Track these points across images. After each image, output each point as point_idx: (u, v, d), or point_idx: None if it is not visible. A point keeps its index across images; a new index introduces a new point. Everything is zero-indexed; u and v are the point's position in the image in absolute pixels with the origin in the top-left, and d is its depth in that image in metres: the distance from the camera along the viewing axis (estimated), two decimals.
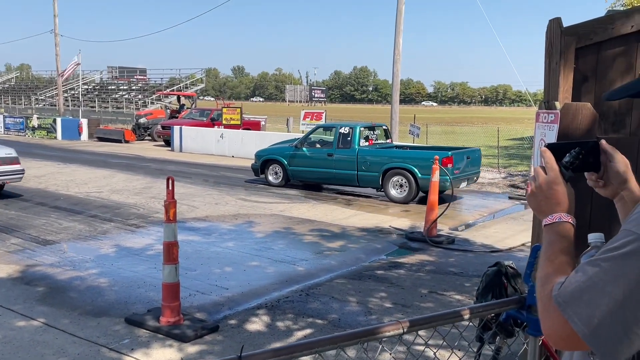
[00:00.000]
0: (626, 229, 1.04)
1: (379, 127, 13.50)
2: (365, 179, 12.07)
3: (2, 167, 10.57)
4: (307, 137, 13.46)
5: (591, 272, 1.03)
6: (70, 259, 7.13)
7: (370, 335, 1.76)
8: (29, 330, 4.88)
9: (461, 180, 11.61)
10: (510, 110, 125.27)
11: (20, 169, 10.86)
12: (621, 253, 1.01)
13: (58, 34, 33.19)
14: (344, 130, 12.48)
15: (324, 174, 12.70)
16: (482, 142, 25.79)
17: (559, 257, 1.17)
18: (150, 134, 26.55)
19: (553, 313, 1.07)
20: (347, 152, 12.26)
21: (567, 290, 1.05)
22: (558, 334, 1.07)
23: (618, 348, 1.00)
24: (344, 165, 12.28)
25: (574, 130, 2.25)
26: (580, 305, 1.02)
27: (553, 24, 2.39)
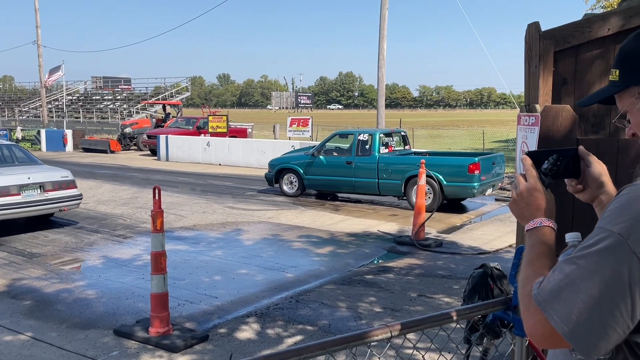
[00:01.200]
0: (600, 226, 1.07)
1: (397, 133, 13.20)
2: (386, 187, 11.68)
3: (59, 193, 9.23)
4: (323, 145, 13.01)
5: (568, 270, 1.06)
6: (57, 271, 7.07)
7: (359, 340, 1.77)
8: (16, 345, 4.83)
9: (487, 187, 11.29)
10: (495, 112, 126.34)
11: (77, 194, 9.56)
12: (595, 250, 1.04)
13: (41, 45, 32.96)
14: (363, 137, 12.09)
15: (343, 182, 12.26)
16: (468, 144, 25.97)
17: (540, 259, 1.21)
18: (136, 143, 26.43)
19: (534, 312, 1.10)
20: (367, 159, 11.86)
21: (545, 289, 1.08)
22: (539, 333, 1.10)
23: (596, 343, 1.03)
24: (364, 174, 11.88)
25: (554, 132, 2.29)
26: (558, 302, 1.05)
27: (531, 28, 2.43)
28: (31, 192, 8.80)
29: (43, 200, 8.95)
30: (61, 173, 9.51)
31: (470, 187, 10.68)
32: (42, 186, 8.98)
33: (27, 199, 8.75)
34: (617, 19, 2.38)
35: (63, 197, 9.27)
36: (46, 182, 9.06)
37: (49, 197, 9.05)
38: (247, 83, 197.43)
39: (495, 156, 12.05)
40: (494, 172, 11.51)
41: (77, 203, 9.59)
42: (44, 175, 9.16)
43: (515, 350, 2.11)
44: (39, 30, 32.82)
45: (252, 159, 19.35)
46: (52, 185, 9.13)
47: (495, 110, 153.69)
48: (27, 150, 10.64)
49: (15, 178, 8.74)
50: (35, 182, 8.92)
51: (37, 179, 9.00)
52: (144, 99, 40.77)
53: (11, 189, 8.59)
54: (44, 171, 9.48)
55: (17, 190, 8.65)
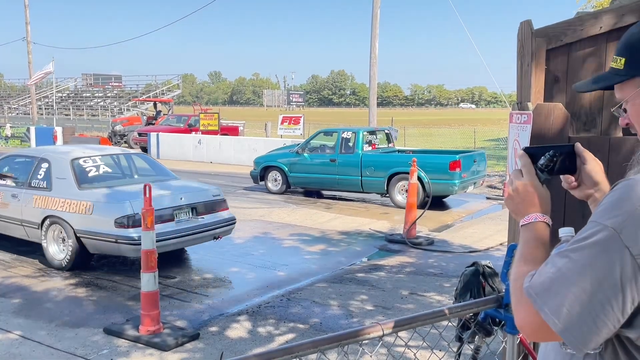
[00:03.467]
0: (593, 220, 1.07)
1: (380, 131, 13.38)
2: (369, 184, 11.84)
3: (213, 216, 7.18)
4: (307, 143, 13.13)
5: (560, 263, 1.06)
6: (46, 269, 7.01)
7: (351, 338, 1.76)
8: (5, 344, 4.78)
9: (469, 184, 11.46)
10: (486, 111, 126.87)
11: (232, 218, 7.49)
12: (588, 243, 1.04)
13: (30, 42, 32.70)
14: (347, 135, 12.26)
15: (326, 180, 12.37)
16: (459, 143, 26.06)
17: (533, 254, 1.21)
18: (126, 141, 26.28)
19: (525, 305, 1.10)
20: (350, 157, 12.01)
21: (537, 282, 1.08)
22: (530, 326, 1.10)
23: (587, 337, 1.03)
24: (347, 171, 12.01)
25: (547, 130, 2.29)
26: (549, 295, 1.05)
27: (524, 26, 2.43)
28: (184, 216, 6.86)
29: (197, 226, 6.93)
30: (211, 191, 7.45)
31: (452, 184, 10.89)
32: (194, 208, 6.99)
33: (181, 225, 6.77)
34: (610, 17, 2.38)
35: (218, 222, 7.22)
36: (198, 204, 7.06)
37: (204, 223, 7.03)
38: (238, 81, 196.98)
39: (477, 154, 12.23)
40: (475, 169, 11.68)
41: (231, 229, 7.52)
42: (195, 195, 7.15)
43: (506, 348, 2.11)
44: (28, 26, 32.55)
45: (243, 157, 19.30)
46: (205, 206, 7.14)
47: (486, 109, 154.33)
48: (155, 160, 8.64)
49: (167, 199, 6.80)
50: (187, 203, 6.94)
51: (190, 200, 6.99)
52: (134, 97, 40.58)
53: (164, 213, 6.60)
54: (191, 189, 7.45)
55: (171, 215, 6.71)
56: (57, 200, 6.87)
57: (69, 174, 7.00)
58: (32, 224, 7.14)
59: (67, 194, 6.86)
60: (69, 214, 6.71)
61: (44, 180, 7.14)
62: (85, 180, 7.03)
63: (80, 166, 7.19)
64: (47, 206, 6.94)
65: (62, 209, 6.79)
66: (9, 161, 7.97)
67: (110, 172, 7.61)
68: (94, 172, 7.28)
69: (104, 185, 7.07)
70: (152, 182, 7.28)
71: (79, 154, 7.40)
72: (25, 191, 7.26)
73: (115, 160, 7.95)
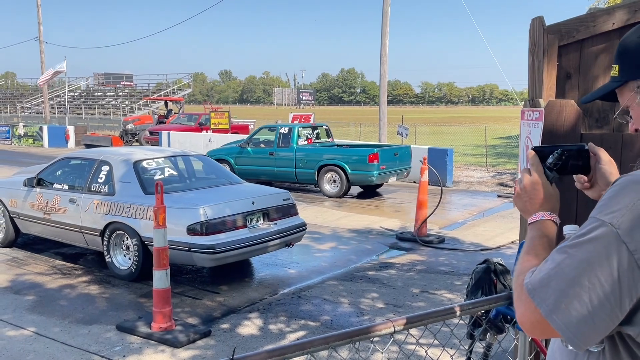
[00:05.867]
0: (592, 215, 1.08)
1: (320, 127, 14.37)
2: (302, 175, 12.94)
3: (284, 222, 6.79)
4: (251, 137, 14.15)
5: (558, 259, 1.07)
6: (59, 267, 7.08)
7: (362, 335, 1.77)
8: (19, 340, 4.84)
9: (389, 175, 12.51)
10: (497, 109, 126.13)
11: (302, 223, 7.07)
12: (586, 239, 1.04)
13: (43, 41, 32.96)
14: (284, 131, 13.36)
15: (266, 171, 13.37)
16: (470, 141, 25.95)
17: (538, 251, 1.22)
18: (138, 139, 26.43)
19: (524, 300, 1.11)
20: (286, 150, 13.09)
21: (536, 278, 1.09)
22: (529, 321, 1.11)
23: (585, 333, 1.03)
24: (283, 163, 13.09)
25: (559, 127, 2.28)
26: (547, 291, 1.05)
27: (536, 22, 2.42)
28: (256, 222, 6.47)
29: (269, 233, 6.49)
30: (281, 195, 7.03)
31: (370, 175, 12.04)
32: (266, 214, 6.60)
33: (254, 232, 6.35)
34: (622, 13, 2.37)
35: (290, 228, 6.79)
36: (270, 208, 6.67)
37: (277, 229, 6.60)
38: (249, 79, 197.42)
39: (399, 148, 13.46)
40: (396, 162, 12.72)
41: (302, 235, 7.13)
42: (266, 199, 6.75)
43: (518, 345, 2.11)
44: (41, 26, 32.81)
45: None
46: (276, 211, 6.74)
47: (497, 106, 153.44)
48: (217, 163, 8.33)
49: (239, 204, 6.41)
50: (259, 208, 6.53)
51: (261, 204, 6.58)
52: (145, 96, 40.78)
53: (237, 218, 6.25)
54: (261, 192, 7.06)
55: (243, 221, 6.30)
56: (122, 205, 6.43)
57: (133, 177, 6.61)
58: (92, 230, 6.69)
59: (132, 198, 6.42)
60: (135, 220, 6.29)
61: (106, 184, 6.72)
62: (151, 183, 6.49)
63: (145, 169, 6.85)
64: (110, 212, 6.52)
65: (127, 215, 6.36)
66: (64, 164, 7.57)
67: (175, 175, 7.22)
68: (159, 175, 6.95)
69: (172, 189, 6.54)
70: (218, 185, 7.18)
71: (141, 156, 7.01)
72: (85, 196, 6.83)
73: (177, 162, 7.51)
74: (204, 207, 6.01)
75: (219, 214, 6.07)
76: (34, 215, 7.40)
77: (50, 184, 7.37)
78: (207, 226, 5.91)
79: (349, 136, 27.07)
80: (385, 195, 12.74)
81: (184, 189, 6.87)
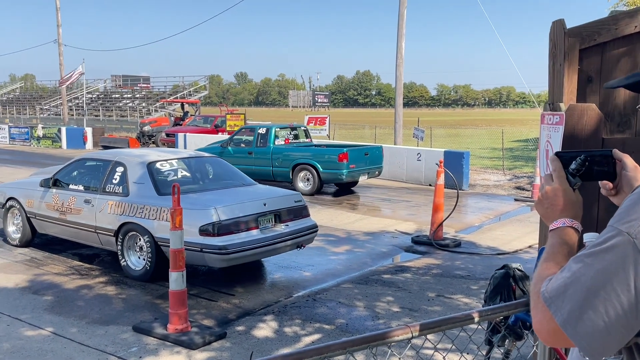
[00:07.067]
0: (609, 224, 1.06)
1: (298, 127, 14.98)
2: (278, 173, 13.53)
3: (296, 223, 6.81)
4: (232, 138, 14.81)
5: (575, 268, 1.05)
6: (76, 267, 7.15)
7: (380, 340, 1.76)
8: (37, 340, 4.89)
9: (359, 174, 13.09)
10: (514, 111, 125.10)
11: (314, 225, 7.10)
12: (602, 248, 1.03)
13: (62, 44, 33.40)
14: (262, 131, 14.02)
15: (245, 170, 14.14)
16: (487, 144, 25.77)
17: (557, 259, 1.20)
18: (154, 141, 26.63)
19: (541, 308, 1.09)
20: (263, 150, 13.75)
21: (553, 286, 1.07)
22: (546, 329, 1.09)
23: (600, 343, 1.01)
24: (261, 162, 13.73)
25: (579, 131, 2.25)
26: (563, 300, 1.04)
27: (556, 25, 2.39)
28: (267, 223, 6.50)
29: (281, 234, 6.52)
30: (293, 197, 7.05)
31: (340, 174, 12.67)
32: (278, 215, 6.62)
33: (266, 233, 6.40)
34: None
35: (301, 230, 6.80)
36: (282, 210, 6.69)
37: (288, 231, 6.62)
38: (264, 82, 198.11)
39: (369, 148, 13.97)
40: (366, 161, 13.27)
41: (314, 237, 7.15)
42: (278, 201, 6.78)
43: (537, 352, 2.08)
44: (60, 29, 33.24)
45: None
46: (288, 213, 6.76)
47: (514, 109, 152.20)
48: (230, 164, 8.35)
49: (251, 205, 6.45)
50: (271, 209, 6.56)
51: (273, 206, 6.61)
52: (162, 98, 41.10)
53: (249, 220, 6.30)
54: (273, 194, 7.10)
55: (255, 222, 6.34)
56: (135, 206, 6.50)
57: (147, 178, 6.66)
58: (106, 231, 6.76)
59: (145, 199, 6.48)
60: (148, 220, 6.34)
61: (120, 185, 6.80)
62: (164, 184, 6.62)
63: (158, 170, 6.91)
64: (124, 212, 6.58)
65: (140, 216, 6.42)
66: (79, 165, 7.67)
67: (188, 177, 7.25)
68: (172, 176, 7.00)
69: (184, 191, 6.40)
70: (231, 187, 7.25)
71: (154, 158, 7.08)
72: (100, 196, 6.91)
73: (190, 164, 7.52)
74: (216, 209, 6.06)
75: (231, 215, 6.12)
76: (50, 216, 7.51)
77: (66, 185, 7.48)
78: (219, 227, 5.96)
79: (364, 139, 27.03)
80: (400, 199, 12.70)
81: (196, 190, 6.90)
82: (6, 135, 28.87)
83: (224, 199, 6.53)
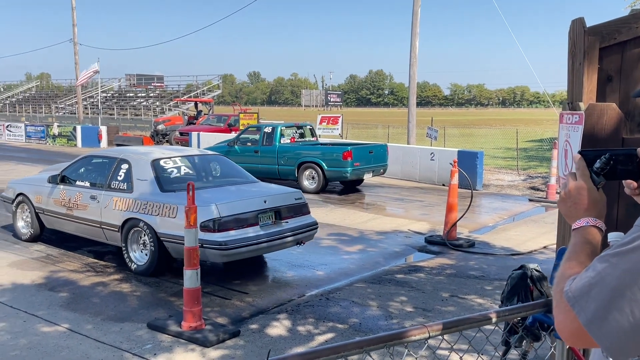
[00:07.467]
0: (636, 224, 1.06)
1: (304, 126, 15.13)
2: (284, 172, 13.63)
3: (296, 221, 6.90)
4: (239, 136, 15.01)
5: (600, 267, 1.04)
6: (92, 264, 7.21)
7: (396, 340, 1.75)
8: (54, 336, 4.94)
9: (364, 172, 13.14)
10: (528, 111, 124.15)
11: (314, 222, 7.19)
12: (630, 248, 1.02)
13: (77, 43, 33.68)
14: (268, 130, 14.21)
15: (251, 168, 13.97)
16: (501, 144, 25.59)
17: (580, 258, 1.19)
18: (168, 140, 26.78)
19: (564, 308, 1.09)
20: (269, 148, 13.91)
21: (577, 286, 1.07)
22: (568, 330, 1.09)
23: (625, 344, 1.00)
24: (267, 160, 13.88)
25: (599, 130, 2.23)
26: (587, 300, 1.03)
27: (576, 24, 2.37)
28: (267, 220, 6.59)
29: (280, 231, 6.62)
30: (294, 194, 7.16)
31: (344, 172, 12.74)
32: (278, 212, 6.72)
33: (265, 230, 6.50)
34: None
35: (301, 227, 6.90)
36: (282, 207, 6.79)
37: (287, 227, 6.74)
38: (277, 81, 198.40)
39: (374, 146, 13.97)
40: (371, 159, 13.34)
41: (314, 234, 7.25)
42: (278, 198, 6.88)
43: (555, 354, 2.06)
44: (75, 28, 33.53)
45: None
46: (288, 210, 6.87)
47: (528, 109, 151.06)
48: (233, 162, 8.52)
49: (251, 202, 6.58)
50: (271, 206, 6.67)
51: (273, 203, 6.72)
52: (176, 97, 41.33)
53: (249, 216, 6.40)
54: (274, 191, 7.19)
55: (255, 219, 6.44)
56: (139, 202, 6.64)
57: (151, 175, 6.82)
58: (111, 226, 6.93)
59: (149, 195, 6.63)
60: (151, 216, 6.49)
61: (125, 182, 6.96)
62: (167, 181, 6.85)
63: (162, 167, 7.04)
64: (128, 208, 6.73)
65: (143, 212, 6.56)
66: (86, 162, 7.87)
67: (191, 174, 7.39)
68: (175, 173, 7.14)
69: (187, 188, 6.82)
70: (232, 184, 7.41)
71: (159, 155, 7.23)
72: (105, 193, 7.08)
73: (194, 162, 7.70)
74: (216, 205, 6.17)
75: (231, 211, 6.23)
76: (57, 211, 7.70)
77: (73, 181, 7.67)
78: (219, 223, 6.08)
79: (377, 138, 26.97)
80: (413, 198, 12.66)
81: (199, 187, 6.93)
82: (22, 133, 29.20)
83: (225, 196, 6.68)
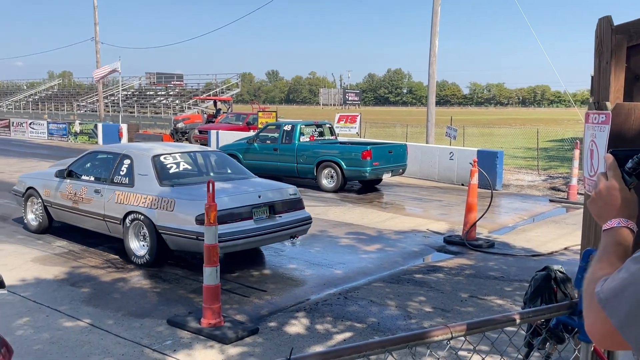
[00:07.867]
0: None
1: (323, 124, 15.12)
2: (303, 170, 13.62)
3: (290, 215, 7.14)
4: (258, 134, 14.94)
5: (634, 268, 1.03)
6: (112, 260, 7.30)
7: (419, 340, 1.74)
8: (75, 331, 5.01)
9: (383, 172, 13.10)
10: (548, 111, 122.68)
11: (307, 217, 7.43)
12: None
13: (99, 42, 34.08)
14: (287, 128, 14.19)
15: (270, 166, 13.95)
16: (521, 143, 25.32)
17: (611, 259, 1.18)
18: (187, 138, 26.97)
19: (595, 310, 1.07)
20: (289, 146, 13.85)
21: (609, 287, 1.05)
22: (600, 331, 1.07)
23: None
24: (286, 159, 13.84)
25: (626, 131, 2.19)
26: (620, 301, 1.02)
27: (603, 22, 2.33)
28: (261, 215, 6.84)
29: (273, 225, 6.88)
30: (288, 190, 7.39)
31: (363, 171, 12.67)
32: (272, 207, 6.97)
33: (259, 224, 6.75)
34: None
35: (294, 222, 7.15)
36: (276, 202, 7.04)
37: (281, 222, 6.98)
38: (295, 80, 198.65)
39: (393, 146, 13.99)
40: (391, 159, 13.32)
41: (307, 228, 7.48)
42: (272, 193, 7.15)
43: (580, 357, 2.03)
44: (97, 27, 33.93)
45: None
46: (282, 205, 7.11)
47: (548, 108, 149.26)
48: (232, 158, 8.77)
49: (245, 197, 6.84)
50: (265, 201, 6.92)
51: (267, 198, 6.98)
52: (195, 95, 41.62)
53: (243, 211, 6.66)
54: (268, 187, 7.48)
55: (249, 213, 6.69)
56: (139, 196, 6.95)
57: (151, 170, 7.10)
58: (114, 219, 7.25)
59: (148, 190, 6.93)
60: (150, 210, 6.78)
61: (126, 177, 7.28)
62: (166, 176, 7.13)
63: (162, 163, 7.29)
64: (129, 202, 7.04)
65: (143, 205, 6.86)
66: (91, 157, 8.20)
67: (190, 169, 7.68)
68: (174, 169, 7.38)
69: (185, 182, 7.17)
70: (230, 179, 7.68)
71: (159, 151, 7.51)
72: (108, 187, 7.41)
73: (194, 157, 8.02)
74: None
75: (226, 205, 6.38)
76: (64, 204, 8.06)
77: (78, 176, 8.01)
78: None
79: (395, 137, 26.86)
80: (432, 198, 12.58)
81: (196, 182, 7.30)
82: (45, 130, 29.65)
83: (221, 190, 6.78)
